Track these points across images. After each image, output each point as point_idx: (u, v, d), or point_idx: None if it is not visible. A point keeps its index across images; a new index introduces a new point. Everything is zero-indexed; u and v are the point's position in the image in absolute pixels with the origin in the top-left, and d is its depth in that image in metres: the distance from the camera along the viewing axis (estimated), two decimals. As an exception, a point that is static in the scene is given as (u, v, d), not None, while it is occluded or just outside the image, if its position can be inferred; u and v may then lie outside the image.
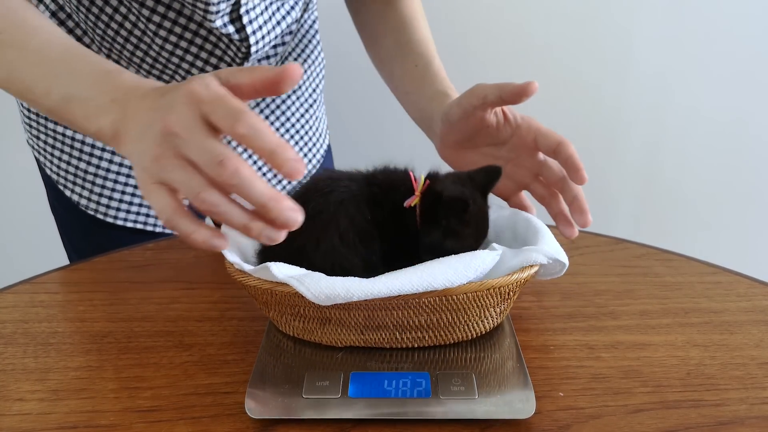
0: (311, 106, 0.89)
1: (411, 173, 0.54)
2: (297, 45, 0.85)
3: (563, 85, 1.28)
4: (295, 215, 0.40)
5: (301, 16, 0.82)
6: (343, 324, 0.49)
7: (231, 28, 0.70)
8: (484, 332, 0.52)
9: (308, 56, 0.87)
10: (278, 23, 0.76)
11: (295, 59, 0.86)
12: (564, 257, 0.52)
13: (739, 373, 0.51)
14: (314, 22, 0.88)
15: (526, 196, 0.65)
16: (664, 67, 1.26)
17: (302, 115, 0.88)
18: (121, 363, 0.53)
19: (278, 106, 0.85)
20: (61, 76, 0.52)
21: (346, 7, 0.85)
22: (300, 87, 0.87)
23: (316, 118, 0.91)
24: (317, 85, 0.91)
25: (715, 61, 1.25)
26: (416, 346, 0.51)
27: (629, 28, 1.23)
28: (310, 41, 0.87)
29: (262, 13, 0.72)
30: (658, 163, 1.34)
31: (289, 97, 0.85)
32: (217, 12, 0.66)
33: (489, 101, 0.59)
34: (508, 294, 0.50)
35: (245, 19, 0.69)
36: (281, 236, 0.41)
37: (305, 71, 0.88)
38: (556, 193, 0.61)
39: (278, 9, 0.75)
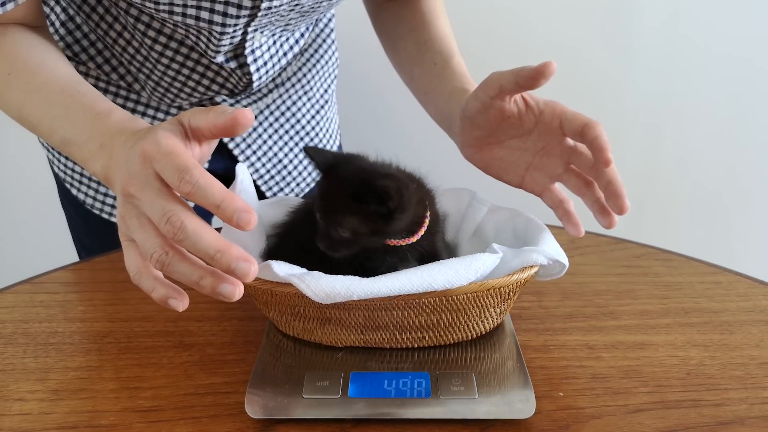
0: (322, 107, 0.87)
1: None
2: (311, 44, 0.83)
3: (562, 85, 1.28)
4: (246, 266, 0.38)
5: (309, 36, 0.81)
6: (343, 324, 0.49)
7: (233, 64, 0.69)
8: (484, 332, 0.52)
9: (322, 56, 0.85)
10: (284, 54, 0.74)
11: (308, 59, 0.83)
12: (564, 258, 0.52)
13: (739, 373, 0.51)
14: (330, 20, 0.85)
15: (561, 188, 0.59)
16: (664, 66, 1.26)
17: (313, 117, 0.85)
18: (121, 363, 0.53)
19: (288, 108, 0.83)
20: (58, 119, 0.53)
21: (366, 13, 0.83)
22: (312, 88, 0.85)
23: (328, 119, 0.89)
24: (329, 85, 0.88)
25: (715, 61, 1.25)
26: (416, 346, 0.51)
27: (630, 28, 1.23)
28: (324, 40, 0.85)
29: (269, 49, 0.71)
30: (658, 163, 1.34)
31: (300, 98, 0.84)
32: (218, 52, 0.65)
33: (506, 89, 0.54)
34: (508, 294, 0.50)
35: (249, 59, 0.69)
36: (237, 292, 0.40)
37: (318, 71, 0.85)
38: (592, 182, 0.56)
39: (286, 40, 0.73)
